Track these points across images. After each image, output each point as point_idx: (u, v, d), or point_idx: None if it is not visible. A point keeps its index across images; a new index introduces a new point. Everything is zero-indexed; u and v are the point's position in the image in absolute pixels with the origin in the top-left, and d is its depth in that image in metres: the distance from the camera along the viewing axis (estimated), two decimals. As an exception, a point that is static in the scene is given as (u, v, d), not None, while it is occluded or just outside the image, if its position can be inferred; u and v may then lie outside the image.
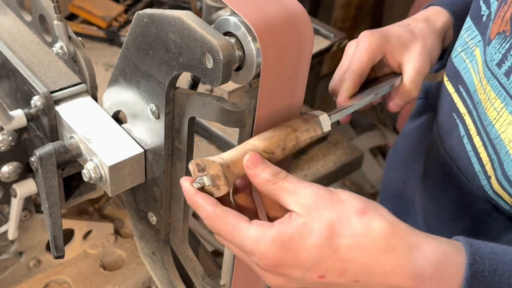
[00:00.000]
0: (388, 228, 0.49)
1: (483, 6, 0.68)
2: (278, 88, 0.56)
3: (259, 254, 0.50)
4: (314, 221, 0.49)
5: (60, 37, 0.70)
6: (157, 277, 0.80)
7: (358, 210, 0.50)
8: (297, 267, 0.49)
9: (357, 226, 0.49)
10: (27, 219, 0.86)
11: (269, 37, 0.52)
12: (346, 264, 0.49)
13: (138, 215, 0.75)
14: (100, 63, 1.35)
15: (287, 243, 0.49)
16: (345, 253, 0.48)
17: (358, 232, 0.49)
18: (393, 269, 0.49)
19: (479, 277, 0.49)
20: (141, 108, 0.63)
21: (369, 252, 0.48)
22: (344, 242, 0.48)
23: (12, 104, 0.78)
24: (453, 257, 0.50)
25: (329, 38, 1.40)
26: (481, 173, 0.65)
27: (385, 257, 0.49)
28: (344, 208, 0.50)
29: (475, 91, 0.67)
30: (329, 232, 0.49)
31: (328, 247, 0.49)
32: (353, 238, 0.48)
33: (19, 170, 0.79)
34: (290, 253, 0.49)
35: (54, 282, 0.96)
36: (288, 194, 0.51)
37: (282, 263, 0.49)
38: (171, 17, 0.54)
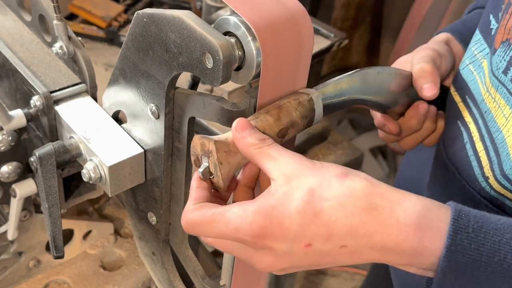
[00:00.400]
0: (369, 188, 0.50)
1: (493, 20, 0.69)
2: (278, 88, 0.56)
3: (244, 228, 0.49)
4: (295, 189, 0.49)
5: (60, 37, 0.70)
6: (157, 277, 0.80)
7: (339, 175, 0.50)
8: (282, 237, 0.49)
9: (338, 188, 0.49)
10: (26, 219, 0.86)
11: (269, 37, 0.52)
12: (330, 228, 0.49)
13: (138, 215, 0.75)
14: (100, 63, 1.35)
15: (270, 212, 0.49)
16: (328, 215, 0.49)
17: (339, 194, 0.49)
18: (376, 228, 0.49)
19: (462, 232, 0.49)
20: (141, 108, 0.63)
21: (351, 212, 0.49)
22: (326, 205, 0.49)
23: (12, 104, 0.78)
24: (436, 212, 0.50)
25: (329, 38, 1.40)
26: (480, 175, 0.66)
27: (368, 215, 0.49)
28: (324, 173, 0.50)
29: (482, 101, 0.68)
30: (310, 197, 0.49)
31: (311, 210, 0.49)
32: (335, 200, 0.49)
33: (18, 170, 0.79)
34: (274, 222, 0.49)
35: (53, 282, 0.96)
36: (271, 160, 0.51)
37: (268, 233, 0.49)
38: (171, 17, 0.54)
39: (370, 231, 0.49)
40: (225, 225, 0.51)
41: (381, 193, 0.50)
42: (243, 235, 0.50)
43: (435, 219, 0.49)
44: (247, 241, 0.50)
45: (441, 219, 0.50)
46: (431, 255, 0.49)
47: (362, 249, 0.50)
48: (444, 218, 0.50)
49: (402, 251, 0.49)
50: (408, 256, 0.50)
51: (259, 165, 0.52)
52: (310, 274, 2.08)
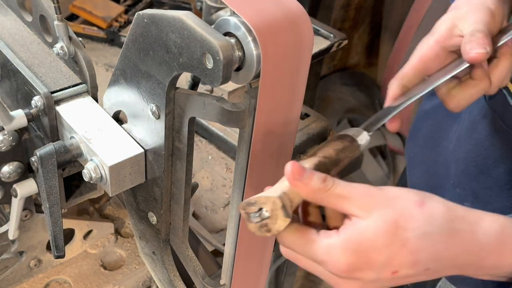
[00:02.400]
0: (448, 213, 0.52)
1: None
2: (278, 88, 0.56)
3: (332, 263, 0.51)
4: (378, 221, 0.50)
5: (61, 38, 0.70)
6: (157, 277, 0.80)
7: (416, 203, 0.52)
8: (371, 268, 0.51)
9: (419, 217, 0.51)
10: (27, 219, 0.86)
11: (269, 38, 0.52)
12: (416, 255, 0.51)
13: (138, 215, 0.75)
14: (101, 64, 1.35)
15: (357, 247, 0.50)
16: (414, 245, 0.50)
17: (422, 223, 0.51)
18: (459, 251, 0.51)
19: None
20: (141, 108, 0.64)
21: (435, 239, 0.51)
22: (411, 235, 0.50)
23: (13, 104, 0.78)
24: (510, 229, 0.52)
25: (328, 38, 1.40)
26: None
27: (451, 241, 0.51)
28: (402, 203, 0.51)
29: None
30: (395, 229, 0.50)
31: (397, 242, 0.50)
32: (419, 230, 0.50)
33: (19, 170, 0.79)
34: (362, 256, 0.50)
35: (54, 281, 0.96)
36: (344, 200, 0.52)
37: (355, 267, 0.51)
38: (171, 17, 0.54)
39: (454, 254, 0.51)
40: (314, 255, 0.52)
41: (460, 217, 0.52)
42: (330, 269, 0.52)
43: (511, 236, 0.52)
44: (334, 272, 0.52)
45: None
46: (509, 266, 0.52)
47: (444, 269, 0.53)
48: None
49: (483, 266, 0.53)
50: (487, 270, 0.53)
51: (332, 207, 0.53)
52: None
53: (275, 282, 1.69)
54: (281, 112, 0.58)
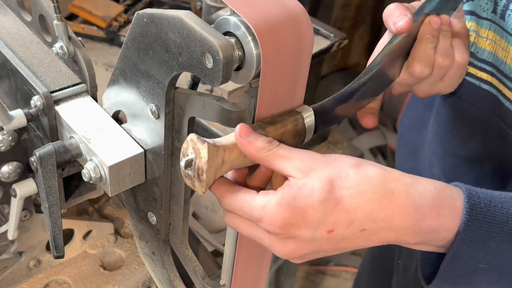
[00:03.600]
0: (384, 174, 0.53)
1: None
2: (278, 88, 0.56)
3: (268, 218, 0.52)
4: (314, 180, 0.52)
5: (60, 37, 0.70)
6: (157, 277, 0.80)
7: (353, 164, 0.54)
8: (306, 225, 0.52)
9: (355, 177, 0.53)
10: (27, 219, 0.86)
11: (269, 37, 0.52)
12: (351, 214, 0.52)
13: (138, 215, 0.75)
14: (100, 63, 1.35)
15: (293, 203, 0.51)
16: (349, 202, 0.52)
17: (357, 182, 0.52)
18: (395, 211, 0.52)
19: (477, 208, 0.53)
20: (141, 108, 0.63)
21: (371, 198, 0.52)
22: (346, 193, 0.52)
23: (12, 104, 0.78)
24: (447, 191, 0.54)
25: (329, 38, 1.40)
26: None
27: (386, 200, 0.52)
28: (339, 164, 0.53)
29: None
30: (331, 187, 0.52)
31: (332, 199, 0.52)
32: (354, 188, 0.52)
33: (19, 170, 0.79)
34: (297, 211, 0.51)
35: (54, 282, 0.96)
36: (284, 159, 0.53)
37: (291, 222, 0.52)
38: (171, 17, 0.54)
39: (389, 214, 0.52)
40: (250, 214, 0.53)
41: (396, 178, 0.53)
42: (266, 225, 0.52)
43: (448, 197, 0.53)
44: (270, 230, 0.52)
45: (454, 197, 0.54)
46: (446, 231, 0.53)
47: (380, 231, 0.53)
48: (456, 197, 0.54)
49: (419, 229, 0.53)
50: (424, 234, 0.53)
51: (271, 166, 0.54)
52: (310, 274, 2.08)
53: (275, 282, 1.69)
54: (281, 111, 0.58)
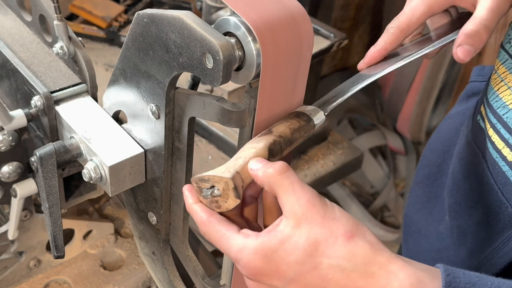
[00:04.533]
0: (371, 256, 0.51)
1: None
2: (278, 88, 0.56)
3: (242, 263, 0.52)
4: (301, 236, 0.50)
5: (60, 37, 0.70)
6: (157, 277, 0.80)
7: (346, 233, 0.51)
8: (278, 278, 0.51)
9: (341, 249, 0.50)
10: (27, 219, 0.86)
11: (269, 37, 0.52)
12: (325, 282, 0.51)
13: (138, 215, 0.75)
14: (100, 63, 1.35)
15: (269, 255, 0.51)
16: (325, 272, 0.50)
17: (341, 255, 0.50)
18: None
19: None
20: (141, 108, 0.63)
21: (348, 275, 0.50)
22: (326, 262, 0.50)
23: (12, 104, 0.78)
24: (428, 285, 0.51)
25: (329, 38, 1.40)
26: (499, 158, 0.65)
27: (363, 281, 0.50)
28: (333, 228, 0.51)
29: None
30: (313, 250, 0.50)
31: (310, 263, 0.50)
32: (335, 260, 0.50)
33: (19, 170, 0.79)
34: (271, 264, 0.51)
35: (54, 282, 0.96)
36: (285, 192, 0.52)
37: (263, 273, 0.51)
38: (171, 17, 0.54)
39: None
40: (227, 252, 0.53)
41: (381, 263, 0.51)
42: (240, 268, 0.53)
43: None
44: (244, 273, 0.53)
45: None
46: None
47: None
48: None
49: None
50: None
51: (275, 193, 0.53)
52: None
53: (275, 282, 1.68)
54: (281, 112, 0.58)
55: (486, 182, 0.67)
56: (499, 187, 0.65)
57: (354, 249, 0.51)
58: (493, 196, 0.66)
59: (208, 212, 0.55)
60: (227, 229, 0.53)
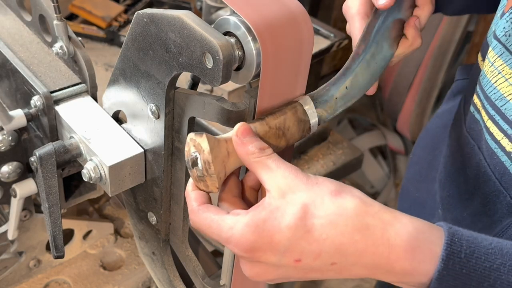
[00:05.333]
0: (361, 207, 0.50)
1: None
2: (278, 88, 0.56)
3: (234, 240, 0.50)
4: (289, 204, 0.50)
5: (60, 37, 0.70)
6: (157, 277, 0.80)
7: (332, 192, 0.50)
8: (272, 250, 0.50)
9: (330, 206, 0.50)
10: (27, 219, 0.86)
11: (269, 37, 0.52)
12: (320, 245, 0.49)
13: (138, 215, 0.75)
14: (100, 63, 1.35)
15: (261, 226, 0.49)
16: (319, 232, 0.49)
17: (331, 212, 0.49)
18: (367, 247, 0.49)
19: (455, 257, 0.49)
20: (141, 108, 0.63)
21: (342, 230, 0.49)
22: (317, 222, 0.49)
23: (12, 104, 0.78)
24: (427, 234, 0.50)
25: (329, 38, 1.40)
26: (497, 149, 0.65)
27: (359, 235, 0.49)
28: (318, 189, 0.50)
29: None
30: (303, 213, 0.49)
31: (302, 227, 0.49)
32: (326, 218, 0.49)
33: (19, 170, 0.79)
34: (264, 235, 0.49)
35: (54, 282, 0.96)
36: (268, 171, 0.51)
37: (257, 246, 0.50)
38: (171, 17, 0.54)
39: (360, 250, 0.49)
40: (219, 235, 0.52)
41: (373, 213, 0.50)
42: (232, 246, 0.51)
43: (427, 241, 0.50)
44: (237, 252, 0.51)
45: (433, 241, 0.50)
46: (422, 275, 0.50)
47: (351, 266, 0.50)
48: (436, 241, 0.50)
49: (392, 270, 0.50)
50: (398, 275, 0.50)
51: (256, 174, 0.53)
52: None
53: (275, 282, 1.68)
54: (281, 111, 0.58)
55: (483, 173, 0.67)
56: (497, 177, 0.65)
57: (343, 204, 0.50)
58: (490, 186, 0.67)
59: (200, 201, 0.53)
60: (215, 213, 0.52)
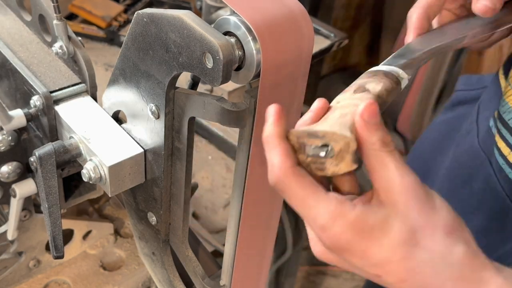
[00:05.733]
0: (468, 258, 0.46)
1: None
2: (278, 88, 0.56)
3: (332, 233, 0.45)
4: (398, 218, 0.45)
5: (60, 37, 0.70)
6: (157, 277, 0.80)
7: (446, 227, 0.46)
8: (362, 258, 0.46)
9: (439, 243, 0.46)
10: (26, 219, 0.86)
11: (269, 37, 0.51)
12: (410, 275, 0.46)
13: (138, 215, 0.75)
14: (100, 63, 1.35)
15: (366, 231, 0.45)
16: (415, 265, 0.45)
17: (437, 250, 0.45)
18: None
19: None
20: (141, 108, 0.63)
21: (437, 273, 0.46)
22: (418, 254, 0.45)
23: (12, 104, 0.78)
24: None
25: (329, 38, 1.40)
26: (505, 165, 0.63)
27: (451, 283, 0.46)
28: (433, 218, 0.46)
29: None
30: (409, 237, 0.45)
31: (401, 252, 0.45)
32: (429, 254, 0.45)
33: (18, 170, 0.79)
34: (363, 242, 0.45)
35: (53, 282, 0.96)
36: (384, 169, 0.45)
37: (351, 249, 0.46)
38: (171, 16, 0.54)
39: None
40: (314, 214, 0.45)
41: (474, 267, 0.46)
42: (325, 236, 0.46)
43: None
44: (326, 243, 0.47)
45: None
46: None
47: None
48: None
49: None
50: None
51: (369, 165, 0.46)
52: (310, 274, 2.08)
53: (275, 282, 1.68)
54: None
55: (491, 188, 0.66)
56: (507, 193, 0.64)
57: (452, 247, 0.45)
58: (499, 202, 0.65)
59: (292, 160, 0.45)
60: (316, 188, 0.45)
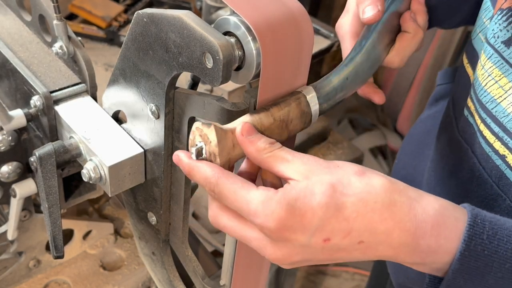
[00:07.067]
0: (388, 184, 0.50)
1: None
2: (277, 88, 0.56)
3: (264, 215, 0.48)
4: (315, 184, 0.49)
5: (60, 37, 0.70)
6: (157, 277, 0.80)
7: (356, 172, 0.50)
8: (302, 230, 0.49)
9: (358, 185, 0.50)
10: (26, 219, 0.86)
11: (269, 37, 0.51)
12: (351, 223, 0.49)
13: (138, 215, 0.75)
14: (100, 63, 1.35)
15: (293, 204, 0.48)
16: (350, 210, 0.49)
17: (360, 190, 0.49)
18: (395, 225, 0.49)
19: (477, 238, 0.49)
20: (141, 108, 0.63)
21: (372, 207, 0.49)
22: (348, 200, 0.49)
23: (12, 104, 0.78)
24: (452, 212, 0.50)
25: (329, 38, 1.40)
26: (492, 153, 0.64)
27: (388, 212, 0.49)
28: (341, 171, 0.50)
29: None
30: (332, 192, 0.49)
31: (333, 206, 0.49)
32: (356, 196, 0.49)
33: (18, 170, 0.79)
34: (296, 214, 0.48)
35: (53, 282, 0.96)
36: (285, 162, 0.50)
37: (287, 225, 0.48)
38: (171, 16, 0.54)
39: (389, 228, 0.49)
40: (247, 204, 0.49)
41: (400, 190, 0.51)
42: (261, 221, 0.49)
43: (452, 218, 0.50)
44: (264, 229, 0.49)
45: (457, 218, 0.50)
46: (445, 253, 0.50)
47: (378, 245, 0.50)
48: (460, 217, 0.50)
49: (418, 247, 0.50)
50: (422, 254, 0.50)
51: (271, 169, 0.51)
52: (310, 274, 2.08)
53: (275, 282, 1.68)
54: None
55: (477, 177, 0.67)
56: (494, 180, 0.65)
57: (370, 182, 0.50)
58: (487, 190, 0.66)
59: (216, 166, 0.51)
60: (243, 182, 0.50)
